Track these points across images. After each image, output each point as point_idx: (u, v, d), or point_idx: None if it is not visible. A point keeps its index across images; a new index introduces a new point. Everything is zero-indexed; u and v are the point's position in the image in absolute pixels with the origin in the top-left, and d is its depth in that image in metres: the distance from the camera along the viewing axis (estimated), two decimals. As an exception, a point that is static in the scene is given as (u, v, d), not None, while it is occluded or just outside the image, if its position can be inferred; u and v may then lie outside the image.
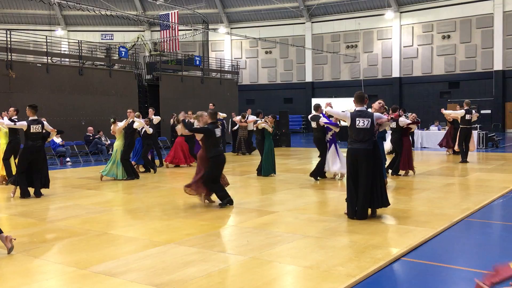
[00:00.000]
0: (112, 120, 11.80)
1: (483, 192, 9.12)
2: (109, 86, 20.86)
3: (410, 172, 11.52)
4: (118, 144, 11.72)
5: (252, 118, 18.02)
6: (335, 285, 4.28)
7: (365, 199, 6.72)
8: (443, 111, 15.31)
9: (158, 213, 7.84)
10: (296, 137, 28.53)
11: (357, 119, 6.76)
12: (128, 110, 12.06)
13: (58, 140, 15.72)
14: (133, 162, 12.40)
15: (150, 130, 12.94)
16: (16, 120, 10.69)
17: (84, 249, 5.59)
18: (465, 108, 14.21)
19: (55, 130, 9.90)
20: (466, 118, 14.15)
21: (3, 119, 10.47)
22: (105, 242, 5.91)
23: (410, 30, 33.86)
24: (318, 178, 10.91)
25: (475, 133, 19.32)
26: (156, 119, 14.52)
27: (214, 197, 8.34)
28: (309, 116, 11.52)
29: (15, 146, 10.80)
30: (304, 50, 36.10)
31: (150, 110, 14.78)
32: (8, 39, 17.41)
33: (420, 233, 6.01)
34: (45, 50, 19.30)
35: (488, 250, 5.61)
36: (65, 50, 24.30)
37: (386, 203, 6.93)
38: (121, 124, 11.67)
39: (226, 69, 29.52)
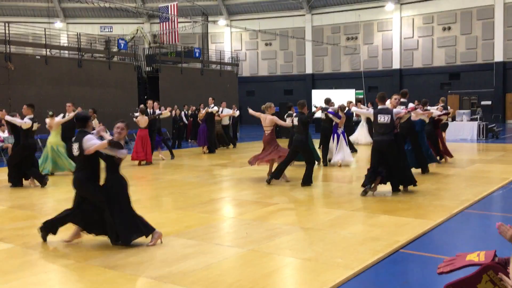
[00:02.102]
0: (50, 113, 10.95)
1: (483, 183, 9.11)
2: (108, 78, 20.81)
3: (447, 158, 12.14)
4: (52, 141, 10.86)
5: (227, 112, 17.36)
6: (334, 277, 4.28)
7: (398, 178, 7.96)
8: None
9: (157, 205, 7.84)
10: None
11: (379, 115, 7.92)
12: (68, 104, 11.51)
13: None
14: None
15: (96, 124, 12.21)
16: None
17: (84, 241, 5.59)
18: (441, 104, 14.28)
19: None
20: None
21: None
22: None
23: (411, 21, 33.70)
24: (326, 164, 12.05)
25: (475, 124, 19.41)
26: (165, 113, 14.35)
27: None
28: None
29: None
30: (304, 42, 35.94)
31: (166, 108, 14.68)
32: (7, 31, 17.34)
33: (419, 225, 6.01)
34: (44, 42, 19.23)
35: (487, 241, 5.60)
36: (64, 43, 24.22)
37: (410, 182, 8.05)
38: (58, 119, 10.98)
39: (226, 61, 29.43)
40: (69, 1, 24.57)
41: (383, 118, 7.85)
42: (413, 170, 9.28)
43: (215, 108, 16.50)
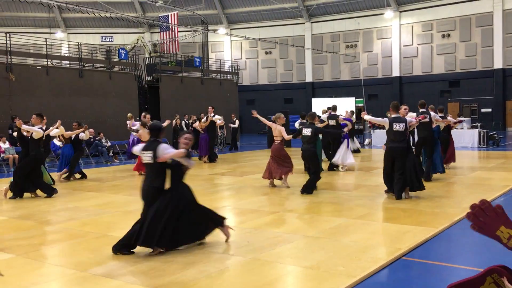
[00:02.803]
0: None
1: (484, 190, 9.10)
2: (109, 88, 20.86)
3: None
4: None
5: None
6: (335, 285, 4.26)
7: (401, 184, 8.20)
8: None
9: (159, 214, 7.81)
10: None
11: (394, 123, 8.34)
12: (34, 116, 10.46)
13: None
14: (64, 170, 11.78)
15: (86, 136, 11.98)
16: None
17: (84, 251, 5.58)
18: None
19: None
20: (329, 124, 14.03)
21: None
22: (105, 244, 5.88)
23: (410, 29, 33.84)
24: (334, 168, 12.68)
25: (475, 132, 19.42)
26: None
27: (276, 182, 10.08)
28: (326, 116, 13.34)
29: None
30: (304, 50, 36.08)
31: (210, 108, 15.62)
32: (8, 42, 17.41)
33: (421, 232, 5.99)
34: (45, 52, 19.31)
35: (489, 249, 5.58)
36: (65, 53, 24.31)
37: (419, 188, 8.31)
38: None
39: (226, 70, 29.52)
40: (70, 11, 24.71)
41: (398, 126, 8.29)
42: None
43: (217, 116, 16.48)
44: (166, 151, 5.35)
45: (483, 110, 30.76)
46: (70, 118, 18.79)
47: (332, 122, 13.03)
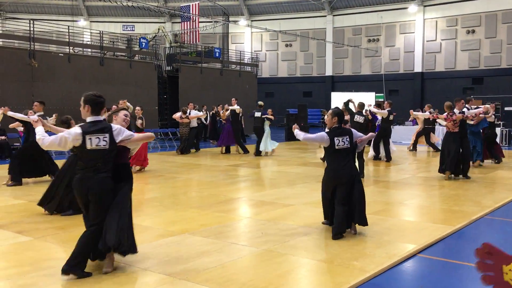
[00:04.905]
0: None
1: (505, 190, 8.94)
2: (129, 77, 21.01)
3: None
4: None
5: (195, 113, 16.20)
6: (349, 280, 4.24)
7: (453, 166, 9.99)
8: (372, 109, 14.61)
9: (174, 203, 7.88)
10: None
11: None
12: None
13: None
14: None
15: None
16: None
17: (100, 236, 5.63)
18: (387, 108, 14.11)
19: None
20: (389, 118, 14.15)
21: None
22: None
23: (434, 24, 33.24)
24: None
25: (498, 130, 19.11)
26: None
27: None
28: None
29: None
30: (324, 43, 35.76)
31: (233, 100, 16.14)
32: (31, 29, 17.65)
33: (438, 230, 5.92)
34: (67, 40, 19.52)
35: (507, 248, 5.47)
36: (87, 41, 24.52)
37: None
38: None
39: (246, 62, 29.47)
40: None
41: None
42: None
43: (237, 107, 16.22)
44: (359, 133, 6.06)
45: (506, 108, 30.10)
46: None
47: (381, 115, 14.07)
